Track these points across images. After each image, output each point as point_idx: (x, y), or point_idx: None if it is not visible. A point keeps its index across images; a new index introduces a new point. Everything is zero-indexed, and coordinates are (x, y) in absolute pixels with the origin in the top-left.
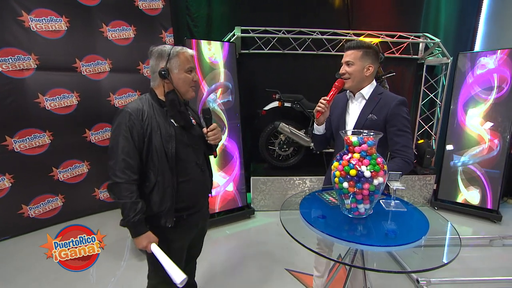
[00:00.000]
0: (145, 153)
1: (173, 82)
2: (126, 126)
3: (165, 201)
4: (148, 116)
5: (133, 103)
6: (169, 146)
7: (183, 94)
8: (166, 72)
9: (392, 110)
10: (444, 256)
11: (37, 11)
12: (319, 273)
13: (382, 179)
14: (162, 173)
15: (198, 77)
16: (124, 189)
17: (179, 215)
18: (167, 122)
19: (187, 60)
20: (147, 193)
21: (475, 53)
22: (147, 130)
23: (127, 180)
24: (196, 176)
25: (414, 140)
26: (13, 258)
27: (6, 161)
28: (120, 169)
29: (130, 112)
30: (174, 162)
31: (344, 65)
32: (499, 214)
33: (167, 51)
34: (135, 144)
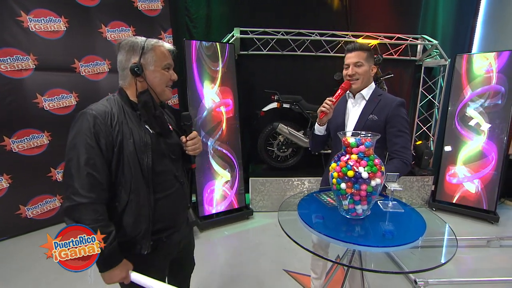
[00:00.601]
0: (114, 166)
1: (148, 81)
2: (90, 133)
3: (140, 224)
4: (119, 121)
5: (98, 105)
6: (144, 156)
7: (159, 94)
8: (139, 68)
9: (392, 111)
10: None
11: (36, 11)
12: (317, 275)
13: (380, 180)
14: (136, 189)
15: (176, 75)
16: (92, 211)
17: (158, 237)
18: (141, 128)
19: (164, 55)
20: (118, 215)
21: (472, 55)
22: (117, 137)
23: (95, 199)
24: (175, 191)
25: (412, 142)
26: (11, 259)
27: (4, 161)
28: (84, 186)
29: (95, 115)
30: (150, 176)
31: (353, 66)
32: (497, 215)
33: (140, 43)
34: (102, 154)
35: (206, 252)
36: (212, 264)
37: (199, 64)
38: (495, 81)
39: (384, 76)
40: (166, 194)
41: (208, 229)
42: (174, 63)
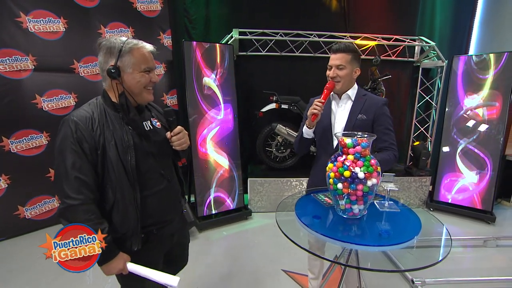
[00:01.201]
0: (100, 167)
1: (124, 83)
2: (73, 138)
3: (128, 222)
4: (100, 125)
5: (80, 110)
6: (127, 157)
7: (136, 97)
8: (116, 71)
9: (379, 110)
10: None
11: (35, 12)
12: (314, 275)
13: (376, 180)
14: (120, 189)
15: (157, 78)
16: (83, 211)
17: (148, 230)
18: (123, 129)
19: (144, 58)
20: (107, 213)
21: (469, 56)
22: (99, 141)
23: (84, 200)
24: (162, 188)
25: (410, 142)
26: (9, 260)
27: (2, 162)
28: (73, 189)
29: (76, 121)
30: (135, 176)
31: (335, 68)
32: (493, 215)
33: (118, 45)
34: (87, 157)
35: (205, 252)
36: (211, 264)
37: (198, 65)
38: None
39: (382, 77)
40: (153, 192)
41: (207, 230)
42: (154, 64)
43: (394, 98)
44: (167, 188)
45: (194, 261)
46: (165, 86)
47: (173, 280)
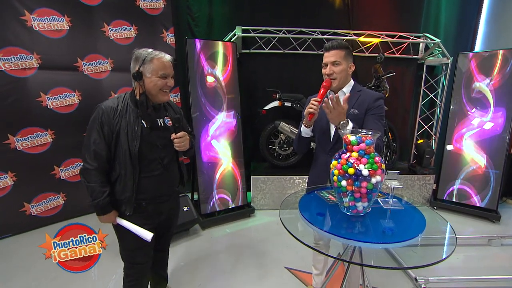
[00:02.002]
0: (113, 147)
1: (145, 85)
2: (98, 121)
3: (125, 192)
4: (120, 115)
5: (109, 101)
6: (133, 144)
7: (153, 97)
8: (138, 75)
9: (372, 103)
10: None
11: (39, 11)
12: (318, 271)
13: (380, 178)
14: (124, 167)
15: (173, 82)
16: (94, 175)
17: (139, 202)
18: (137, 122)
19: (162, 66)
20: (112, 182)
21: (475, 53)
22: (116, 127)
23: (97, 167)
24: (159, 174)
25: (414, 140)
26: (15, 256)
27: (8, 159)
28: (91, 157)
29: (103, 109)
30: (136, 159)
31: (330, 65)
32: (498, 214)
33: (143, 55)
34: (105, 138)
35: (208, 249)
36: (214, 261)
37: (201, 63)
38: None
39: (386, 75)
40: (150, 175)
41: (210, 227)
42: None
43: (398, 95)
44: (163, 175)
45: (197, 258)
46: None
47: (148, 234)
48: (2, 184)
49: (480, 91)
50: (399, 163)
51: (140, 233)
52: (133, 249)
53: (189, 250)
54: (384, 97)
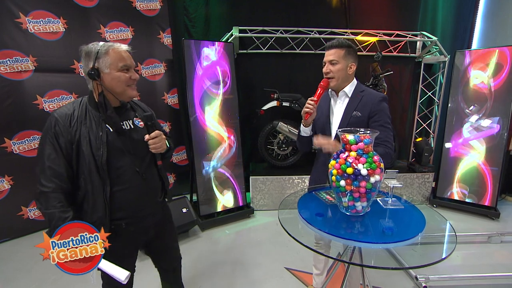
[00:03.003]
0: (75, 160)
1: (104, 83)
2: (52, 133)
3: (96, 211)
4: (78, 122)
5: (63, 107)
6: (99, 153)
7: (119, 95)
8: (95, 72)
9: (375, 106)
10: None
11: (34, 13)
12: (319, 271)
13: (379, 177)
14: (91, 182)
15: (137, 75)
16: (52, 198)
17: (117, 223)
18: (100, 127)
19: (120, 57)
20: (79, 201)
21: (472, 51)
22: (75, 136)
23: (55, 188)
24: (135, 184)
25: (413, 139)
26: (12, 260)
27: (5, 163)
28: (46, 177)
29: (56, 117)
30: (105, 171)
31: (328, 64)
32: (497, 211)
33: (95, 49)
34: (62, 151)
35: (208, 251)
36: (214, 262)
37: (199, 64)
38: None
39: (384, 73)
40: (125, 187)
41: (209, 228)
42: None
43: (396, 94)
44: (141, 185)
45: (197, 259)
46: (165, 85)
47: (122, 274)
48: None
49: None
50: (398, 162)
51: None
52: None
53: (189, 252)
54: (387, 98)
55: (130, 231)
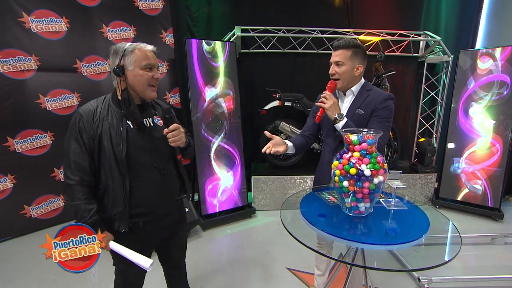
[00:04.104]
0: (96, 155)
1: (128, 80)
2: (76, 128)
3: (116, 206)
4: (100, 118)
5: (88, 104)
6: (119, 148)
7: (140, 93)
8: (119, 69)
9: (379, 104)
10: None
11: (37, 12)
12: (321, 272)
13: (382, 178)
14: (111, 176)
15: (159, 75)
16: (77, 191)
17: (135, 221)
18: (121, 123)
19: (145, 56)
20: (100, 196)
21: (476, 51)
22: (97, 131)
23: (79, 181)
24: (154, 181)
25: (415, 139)
26: (15, 258)
27: (8, 162)
28: (71, 171)
29: (81, 114)
30: (124, 166)
31: (334, 65)
32: (501, 212)
33: (122, 47)
34: (85, 146)
35: (209, 250)
36: (215, 262)
37: (200, 63)
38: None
39: (386, 73)
40: (144, 183)
41: (211, 228)
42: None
43: (398, 94)
44: (159, 182)
45: (198, 259)
46: (167, 84)
47: (146, 262)
48: (2, 187)
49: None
50: (401, 162)
51: (137, 261)
52: (126, 266)
53: (190, 252)
54: (393, 97)
55: (147, 230)
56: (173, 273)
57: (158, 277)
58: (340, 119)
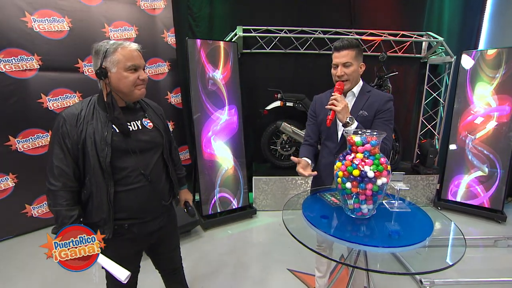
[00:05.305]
0: (81, 161)
1: (111, 83)
2: (59, 133)
3: (101, 212)
4: (84, 121)
5: (72, 107)
6: (103, 154)
7: (126, 95)
8: (102, 72)
9: (382, 106)
10: (448, 257)
11: (40, 12)
12: (321, 273)
13: (386, 179)
14: (95, 182)
15: (145, 75)
16: (59, 196)
17: (120, 223)
18: (106, 127)
19: (129, 56)
20: (85, 201)
21: (479, 52)
22: (80, 135)
23: (61, 187)
24: (140, 187)
25: (417, 140)
26: (16, 257)
27: (9, 161)
28: (54, 176)
29: (64, 117)
30: (109, 172)
31: (341, 66)
32: (504, 214)
33: (104, 47)
34: (68, 151)
35: (210, 251)
36: (215, 263)
37: (201, 63)
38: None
39: (389, 74)
40: (128, 189)
41: (212, 228)
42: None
43: (400, 95)
44: (146, 187)
45: (199, 259)
46: (169, 84)
47: (122, 274)
48: (3, 186)
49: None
50: (402, 163)
51: (113, 271)
52: None
53: (191, 252)
54: (393, 98)
55: (133, 232)
56: (170, 277)
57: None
58: (352, 123)
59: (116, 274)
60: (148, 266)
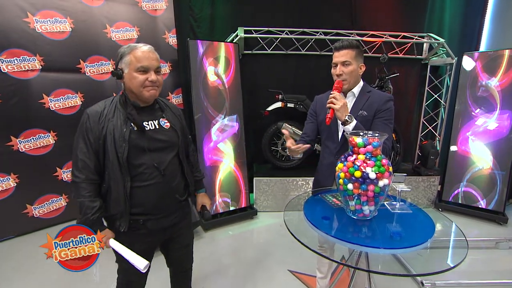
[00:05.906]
0: (101, 155)
1: (125, 83)
2: (84, 128)
3: (118, 205)
4: (106, 119)
5: (96, 105)
6: (121, 150)
7: (137, 96)
8: (118, 72)
9: (382, 106)
10: (449, 259)
11: (42, 13)
12: (322, 274)
13: (388, 181)
14: (114, 176)
15: (156, 77)
16: (82, 188)
17: (135, 218)
18: (125, 124)
19: (139, 58)
20: (104, 194)
21: (480, 53)
22: (102, 132)
23: (84, 179)
24: (156, 183)
25: (418, 141)
26: (17, 258)
27: (11, 161)
28: (78, 168)
29: (88, 114)
30: (126, 167)
31: (340, 65)
32: (505, 216)
33: (122, 49)
34: (91, 146)
35: (211, 252)
36: (216, 264)
37: (203, 64)
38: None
39: (390, 75)
40: (145, 184)
41: (213, 229)
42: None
43: (401, 96)
44: (161, 184)
45: (200, 260)
46: (170, 85)
47: (142, 263)
48: (4, 186)
49: (487, 89)
50: (403, 164)
51: (133, 260)
52: (128, 265)
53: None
54: (393, 99)
55: (147, 228)
56: (179, 275)
57: (163, 278)
58: (351, 121)
59: (135, 263)
60: (154, 265)
